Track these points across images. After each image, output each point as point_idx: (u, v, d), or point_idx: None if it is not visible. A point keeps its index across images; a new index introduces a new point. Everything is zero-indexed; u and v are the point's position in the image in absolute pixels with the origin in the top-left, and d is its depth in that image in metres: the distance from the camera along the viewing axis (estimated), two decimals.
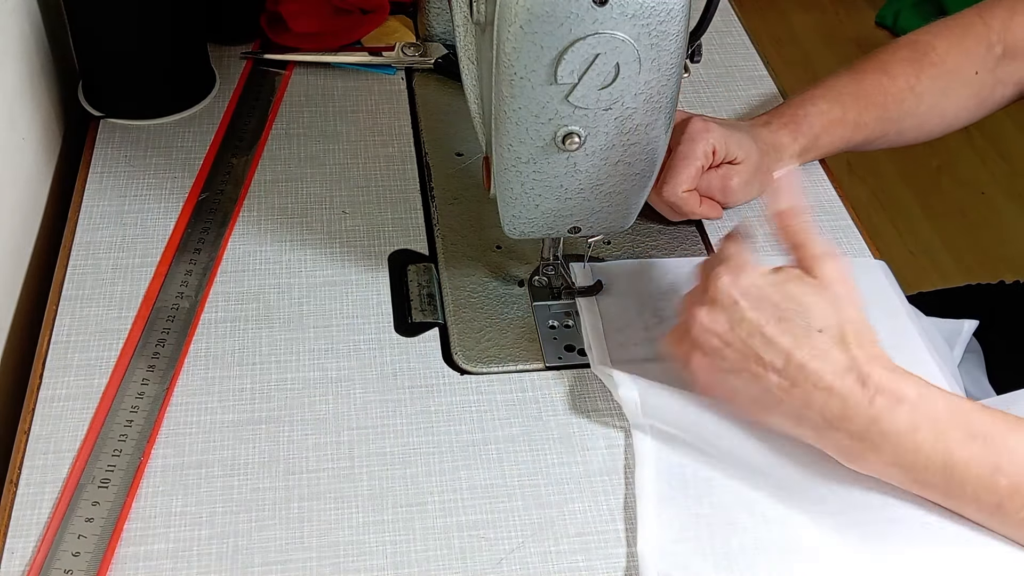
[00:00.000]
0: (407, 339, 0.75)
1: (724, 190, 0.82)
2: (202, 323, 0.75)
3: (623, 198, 0.69)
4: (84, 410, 0.68)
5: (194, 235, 0.81)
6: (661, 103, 0.64)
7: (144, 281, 0.77)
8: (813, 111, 0.86)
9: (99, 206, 0.83)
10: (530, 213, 0.69)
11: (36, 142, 0.86)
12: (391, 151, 0.90)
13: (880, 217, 2.15)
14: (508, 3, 0.58)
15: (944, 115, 0.90)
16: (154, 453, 0.66)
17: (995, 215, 2.17)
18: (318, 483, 0.66)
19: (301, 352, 0.73)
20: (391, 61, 0.98)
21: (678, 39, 0.61)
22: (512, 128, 0.64)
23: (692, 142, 0.79)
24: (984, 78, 0.90)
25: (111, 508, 0.63)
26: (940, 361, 0.75)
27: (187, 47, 0.91)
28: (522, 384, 0.72)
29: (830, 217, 0.87)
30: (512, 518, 0.65)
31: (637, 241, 0.84)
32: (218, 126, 0.91)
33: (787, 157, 0.85)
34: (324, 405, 0.70)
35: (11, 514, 0.63)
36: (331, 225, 0.83)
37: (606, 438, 0.69)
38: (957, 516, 0.63)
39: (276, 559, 0.62)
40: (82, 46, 0.88)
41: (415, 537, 0.63)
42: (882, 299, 0.80)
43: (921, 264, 2.05)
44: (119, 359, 0.71)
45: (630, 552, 0.63)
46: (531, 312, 0.77)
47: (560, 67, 0.60)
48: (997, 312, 0.97)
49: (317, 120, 0.93)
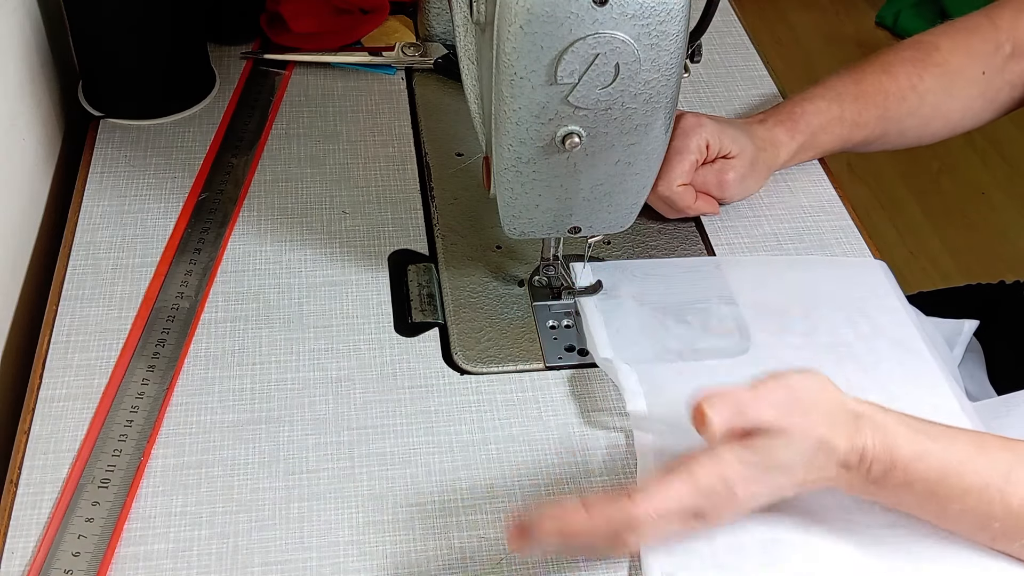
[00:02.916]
0: (407, 339, 0.75)
1: (720, 185, 0.82)
2: (202, 323, 0.75)
3: (623, 198, 0.69)
4: (84, 410, 0.68)
5: (194, 235, 0.81)
6: (661, 103, 0.64)
7: (144, 281, 0.77)
8: (811, 109, 0.86)
9: (99, 206, 0.83)
10: (530, 213, 0.69)
11: (36, 142, 0.86)
12: (391, 151, 0.90)
13: (880, 217, 2.15)
14: (508, 3, 0.58)
15: (949, 116, 0.90)
16: (154, 453, 0.66)
17: (995, 215, 2.17)
18: (318, 483, 0.66)
19: (301, 352, 0.73)
20: (391, 61, 0.98)
21: (678, 39, 0.61)
22: (512, 128, 0.64)
23: (685, 136, 0.80)
24: (992, 78, 0.89)
25: (111, 508, 0.63)
26: (940, 361, 0.75)
27: (187, 47, 0.91)
28: (522, 384, 0.72)
29: (830, 217, 0.87)
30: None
31: (637, 241, 0.84)
32: (218, 126, 0.91)
33: (784, 154, 0.85)
34: (324, 405, 0.70)
35: (11, 514, 0.63)
36: (331, 225, 0.83)
37: (606, 438, 0.69)
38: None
39: (276, 559, 0.62)
40: (82, 46, 0.88)
41: (415, 537, 0.63)
42: (882, 299, 0.80)
43: (921, 264, 2.05)
44: (119, 359, 0.71)
45: (630, 552, 0.63)
46: (531, 312, 0.77)
47: (560, 67, 0.60)
48: (997, 312, 0.97)
49: (317, 120, 0.93)
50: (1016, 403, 0.74)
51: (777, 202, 0.88)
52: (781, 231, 0.85)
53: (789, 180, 0.90)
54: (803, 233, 0.85)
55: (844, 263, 0.83)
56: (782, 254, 0.83)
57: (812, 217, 0.87)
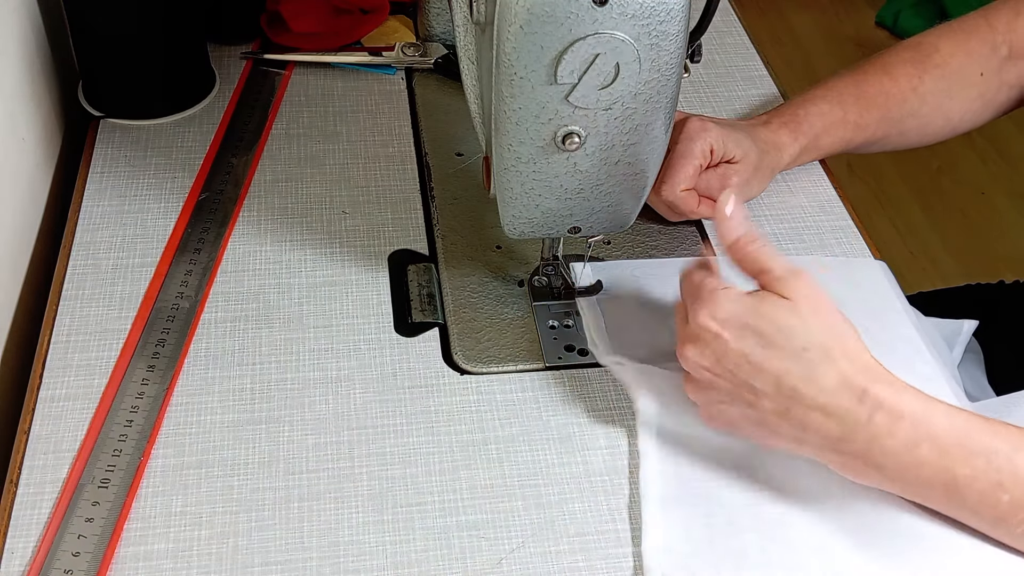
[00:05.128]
0: (407, 339, 0.75)
1: (723, 189, 0.82)
2: (202, 323, 0.75)
3: (623, 198, 0.69)
4: (84, 410, 0.68)
5: (194, 235, 0.81)
6: (661, 103, 0.64)
7: (144, 281, 0.77)
8: (814, 111, 0.86)
9: (99, 206, 0.83)
10: (530, 213, 0.69)
11: (36, 142, 0.86)
12: (391, 151, 0.90)
13: (880, 217, 2.15)
14: (508, 3, 0.58)
15: (949, 117, 0.90)
16: (154, 453, 0.66)
17: (995, 215, 2.17)
18: (318, 483, 0.66)
19: (301, 352, 0.73)
20: (391, 61, 0.98)
21: (678, 39, 0.61)
22: (512, 128, 0.64)
23: (690, 141, 0.79)
24: (989, 79, 0.89)
25: (111, 508, 0.63)
26: (940, 361, 0.75)
27: (187, 47, 0.91)
28: (522, 384, 0.72)
29: (830, 217, 0.87)
30: (512, 518, 0.65)
31: (637, 241, 0.84)
32: (218, 126, 0.91)
33: (787, 156, 0.85)
34: (324, 405, 0.70)
35: (11, 514, 0.63)
36: (331, 225, 0.83)
37: (606, 438, 0.69)
38: (962, 524, 0.63)
39: (276, 559, 0.62)
40: (82, 46, 0.88)
41: (415, 537, 0.63)
42: (882, 299, 0.80)
43: (921, 264, 2.05)
44: (119, 359, 0.71)
45: (630, 552, 0.63)
46: (531, 312, 0.77)
47: (560, 67, 0.60)
48: (997, 312, 0.97)
49: (317, 120, 0.93)
50: (1016, 403, 0.74)
51: (777, 202, 0.88)
52: (781, 231, 0.85)
53: (789, 180, 0.90)
54: (803, 233, 0.85)
55: (844, 263, 0.83)
56: (782, 254, 0.83)
57: (812, 217, 0.87)
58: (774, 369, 0.61)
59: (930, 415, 0.60)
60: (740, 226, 0.64)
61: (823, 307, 0.62)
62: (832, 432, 0.60)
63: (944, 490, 0.60)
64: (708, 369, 0.63)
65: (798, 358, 0.60)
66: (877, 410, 0.59)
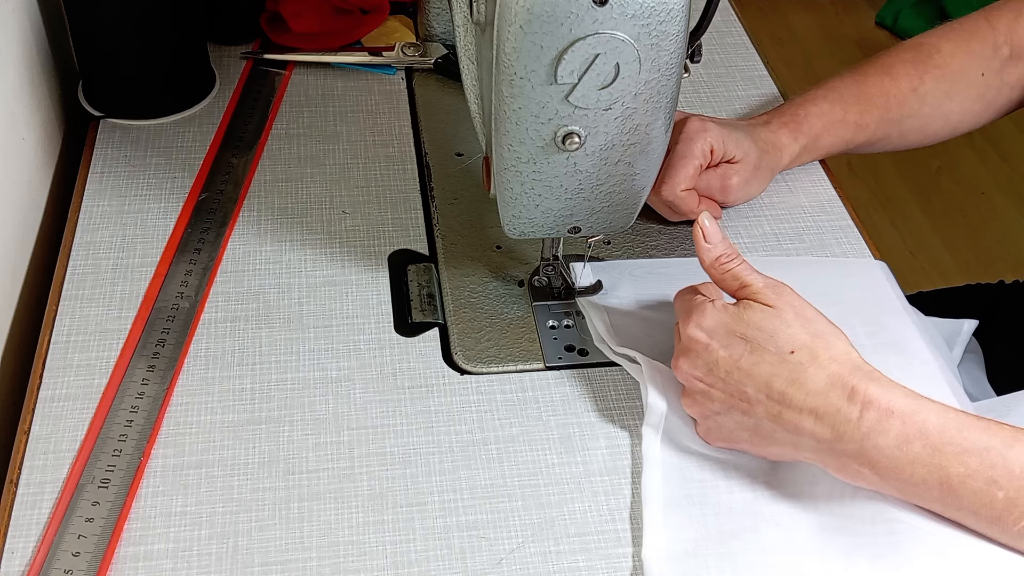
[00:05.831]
0: (407, 339, 0.75)
1: (723, 189, 0.82)
2: (202, 323, 0.75)
3: (623, 198, 0.69)
4: (84, 410, 0.68)
5: (194, 235, 0.81)
6: (661, 103, 0.64)
7: (144, 281, 0.77)
8: (814, 111, 0.86)
9: (99, 206, 0.83)
10: (530, 213, 0.69)
11: (36, 142, 0.86)
12: (391, 151, 0.90)
13: (880, 217, 2.15)
14: (508, 3, 0.58)
15: (949, 118, 0.90)
16: (154, 453, 0.66)
17: (995, 215, 2.17)
18: (318, 483, 0.66)
19: (301, 352, 0.73)
20: (391, 61, 0.98)
21: (678, 39, 0.61)
22: (512, 128, 0.64)
23: (690, 141, 0.79)
24: (990, 80, 0.89)
25: (111, 508, 0.63)
26: (940, 361, 0.75)
27: (187, 47, 0.91)
28: (522, 384, 0.72)
29: (830, 217, 0.87)
30: (512, 518, 0.65)
31: (637, 241, 0.84)
32: (218, 126, 0.91)
33: (787, 156, 0.85)
34: (324, 405, 0.70)
35: (11, 514, 0.63)
36: (331, 225, 0.83)
37: (606, 438, 0.69)
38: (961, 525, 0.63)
39: (276, 559, 0.62)
40: (82, 46, 0.88)
41: (415, 537, 0.63)
42: (882, 299, 0.80)
43: (921, 264, 2.05)
44: (119, 359, 0.71)
45: (630, 552, 0.63)
46: (531, 312, 0.77)
47: (560, 67, 0.60)
48: (997, 312, 0.97)
49: (317, 120, 0.93)
50: (1015, 403, 0.74)
51: (777, 202, 0.88)
52: (781, 231, 0.85)
53: (789, 180, 0.90)
54: (803, 233, 0.85)
55: (844, 263, 0.83)
56: (782, 254, 0.83)
57: (812, 217, 0.87)
58: (763, 373, 0.61)
59: (921, 412, 0.60)
60: (719, 246, 0.66)
61: (806, 312, 0.63)
62: (825, 434, 0.60)
63: (939, 488, 0.60)
64: (701, 379, 0.64)
65: (785, 361, 0.61)
66: (867, 408, 0.59)
